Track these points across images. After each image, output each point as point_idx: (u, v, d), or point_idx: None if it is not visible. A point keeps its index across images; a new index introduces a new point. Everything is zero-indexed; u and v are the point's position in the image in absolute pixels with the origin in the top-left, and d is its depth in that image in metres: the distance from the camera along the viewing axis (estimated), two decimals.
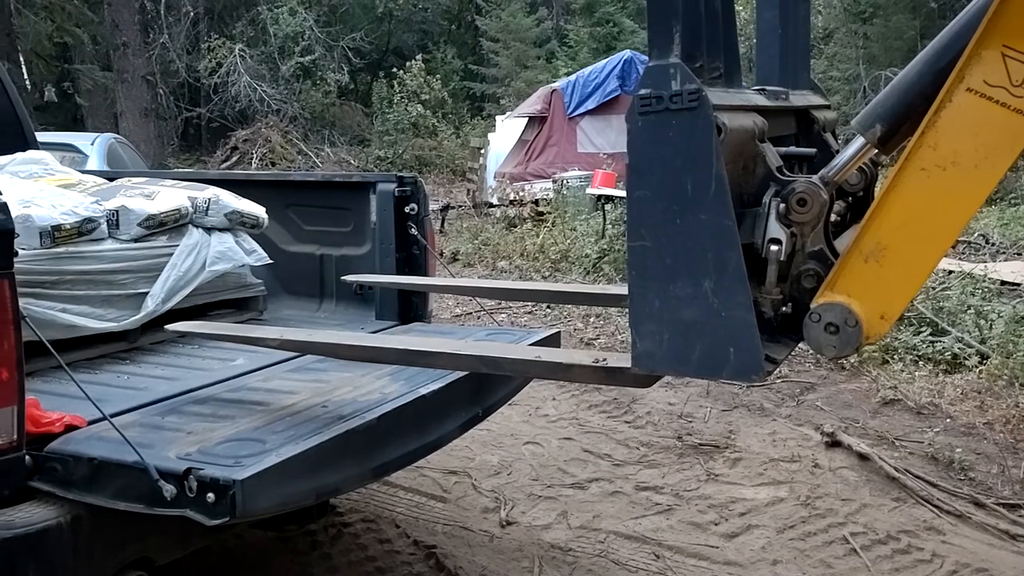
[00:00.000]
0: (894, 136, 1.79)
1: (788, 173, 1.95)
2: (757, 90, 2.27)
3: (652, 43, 1.78)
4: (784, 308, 1.92)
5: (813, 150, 2.31)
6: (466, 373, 2.99)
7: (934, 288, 7.29)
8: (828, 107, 2.67)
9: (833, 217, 1.96)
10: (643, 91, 1.75)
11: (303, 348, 2.60)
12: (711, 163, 1.71)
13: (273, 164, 19.96)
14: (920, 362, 6.04)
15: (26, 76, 20.66)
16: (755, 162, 1.92)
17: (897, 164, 1.73)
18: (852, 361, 6.18)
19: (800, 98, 2.48)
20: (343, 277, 3.68)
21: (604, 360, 2.05)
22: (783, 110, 2.32)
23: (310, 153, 21.25)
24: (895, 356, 6.18)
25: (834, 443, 4.85)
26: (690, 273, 1.77)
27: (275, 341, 2.63)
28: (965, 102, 1.65)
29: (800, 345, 1.97)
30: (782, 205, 1.86)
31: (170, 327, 2.80)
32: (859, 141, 1.87)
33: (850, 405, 5.53)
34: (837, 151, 2.44)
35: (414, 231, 3.79)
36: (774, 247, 1.85)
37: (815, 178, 1.88)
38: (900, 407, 5.43)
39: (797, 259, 1.91)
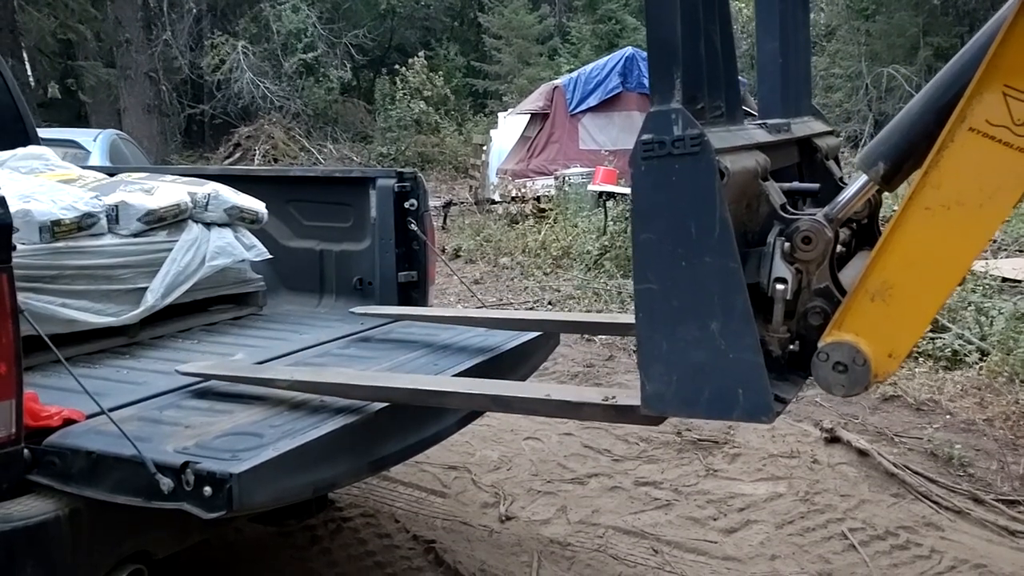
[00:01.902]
0: (897, 174, 1.80)
1: (792, 210, 1.96)
2: (758, 124, 2.27)
3: (653, 88, 1.79)
4: (792, 346, 1.92)
5: (817, 185, 2.31)
6: (468, 367, 3.01)
7: None
8: (831, 133, 2.67)
9: (839, 248, 1.96)
10: (645, 136, 1.77)
11: (313, 389, 2.57)
12: (714, 206, 1.72)
13: (276, 161, 19.99)
14: (920, 358, 6.03)
15: (30, 72, 20.67)
16: (759, 201, 1.93)
17: (902, 203, 1.73)
18: None
19: (802, 127, 2.48)
20: (352, 310, 3.70)
21: (614, 399, 2.05)
22: (785, 142, 2.32)
23: (313, 150, 21.27)
24: None
25: (833, 439, 4.86)
26: (697, 315, 1.78)
27: (285, 383, 2.59)
28: (967, 142, 1.65)
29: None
30: (787, 244, 1.86)
31: (181, 369, 2.76)
32: (862, 179, 1.88)
33: (849, 401, 5.52)
34: (840, 178, 2.44)
35: (414, 227, 3.80)
36: (780, 286, 1.86)
37: (819, 215, 1.89)
38: (900, 403, 5.44)
39: (803, 296, 1.91)
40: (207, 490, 2.04)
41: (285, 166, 18.80)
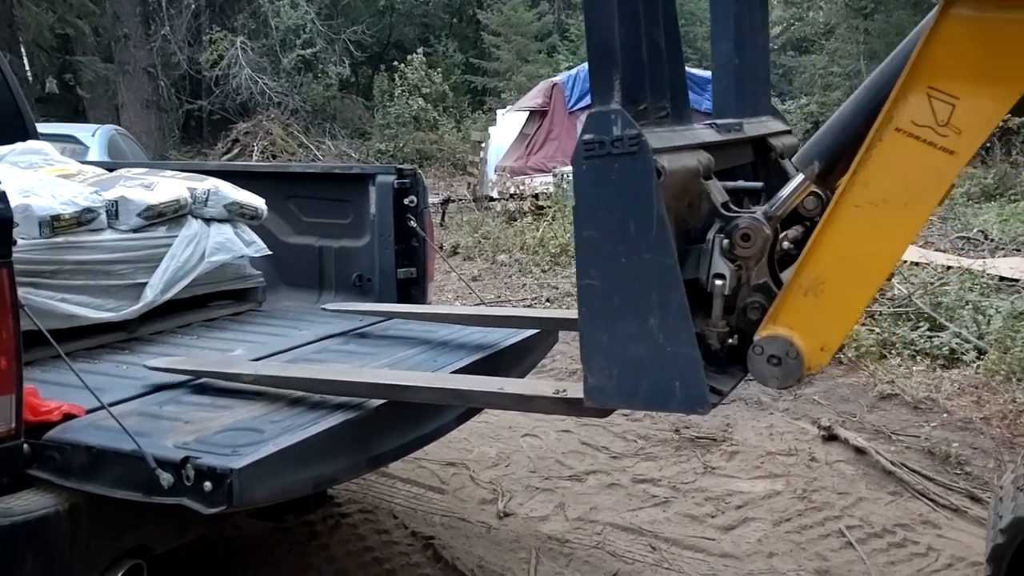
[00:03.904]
0: (831, 173, 1.85)
1: (734, 208, 2.00)
2: (707, 125, 2.31)
3: (594, 90, 1.84)
4: (731, 340, 1.96)
5: (760, 184, 2.36)
6: (467, 363, 3.01)
7: (932, 284, 7.30)
8: (788, 132, 2.70)
9: (788, 245, 2.00)
10: (586, 136, 1.82)
11: (277, 384, 2.60)
12: (652, 204, 1.77)
13: (274, 157, 19.96)
14: (918, 357, 6.05)
15: (27, 67, 20.64)
16: (700, 199, 1.98)
17: (832, 201, 1.78)
18: (850, 355, 6.19)
19: (757, 126, 2.52)
20: (324, 306, 3.75)
21: (564, 391, 2.09)
22: (736, 142, 2.37)
23: (311, 146, 21.24)
24: (893, 351, 6.19)
25: (831, 437, 4.87)
26: (636, 311, 1.83)
27: (249, 378, 2.63)
28: (894, 141, 1.70)
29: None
30: (726, 241, 1.91)
31: (150, 364, 2.79)
32: (799, 177, 1.93)
33: (847, 399, 5.54)
34: None
35: (413, 223, 3.80)
36: (718, 281, 1.90)
37: (759, 213, 1.94)
38: (897, 401, 5.44)
39: (743, 292, 1.96)
40: (207, 485, 2.05)
41: (283, 162, 18.79)
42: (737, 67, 2.63)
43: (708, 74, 14.32)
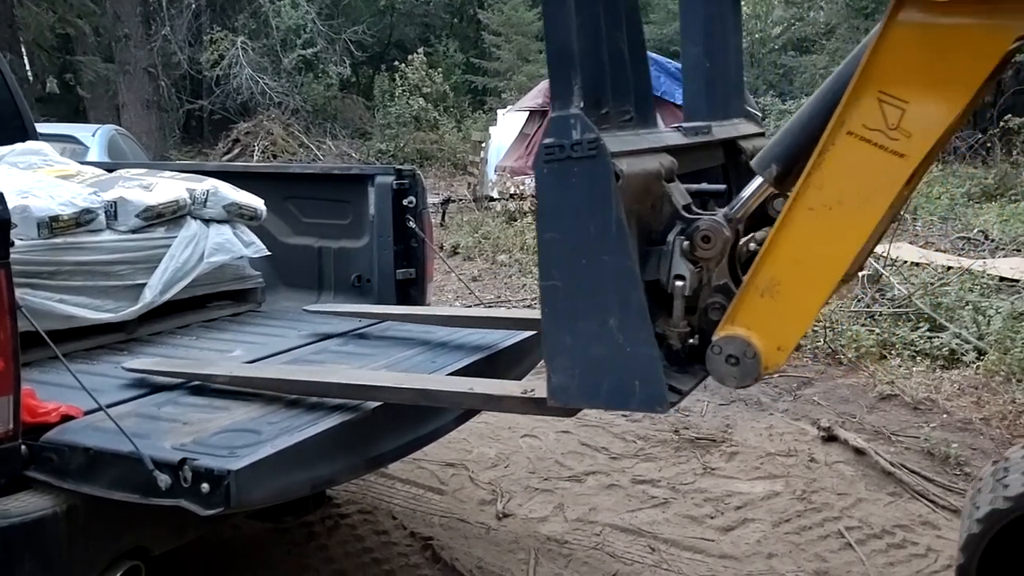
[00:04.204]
0: (789, 175, 1.87)
1: (696, 211, 2.03)
2: (673, 128, 2.34)
3: (554, 94, 1.87)
4: (692, 340, 1.99)
5: (723, 187, 2.39)
6: (465, 365, 3.01)
7: (932, 284, 7.30)
8: (761, 135, 2.72)
9: (755, 247, 2.02)
10: (547, 140, 1.85)
11: (249, 384, 2.63)
12: (611, 207, 1.80)
13: (275, 157, 19.95)
14: (917, 357, 6.05)
15: (28, 67, 20.66)
16: (662, 202, 2.01)
17: (787, 204, 1.81)
18: (850, 356, 6.19)
19: (727, 129, 2.55)
20: (306, 307, 3.75)
21: (532, 391, 2.11)
22: (704, 144, 2.40)
23: (312, 146, 21.23)
24: (893, 351, 6.19)
25: (831, 438, 4.86)
26: (597, 311, 1.86)
27: (224, 378, 2.66)
28: (846, 145, 1.73)
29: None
30: (686, 242, 1.94)
31: (126, 365, 2.81)
32: (758, 180, 1.96)
33: (847, 400, 5.54)
34: None
35: (412, 224, 3.80)
36: (679, 282, 1.94)
37: (719, 216, 1.96)
38: (897, 402, 5.44)
39: (704, 293, 1.99)
40: (204, 487, 2.04)
41: (284, 162, 18.78)
42: (708, 70, 2.66)
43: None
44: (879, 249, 8.89)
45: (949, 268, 8.14)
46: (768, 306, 1.83)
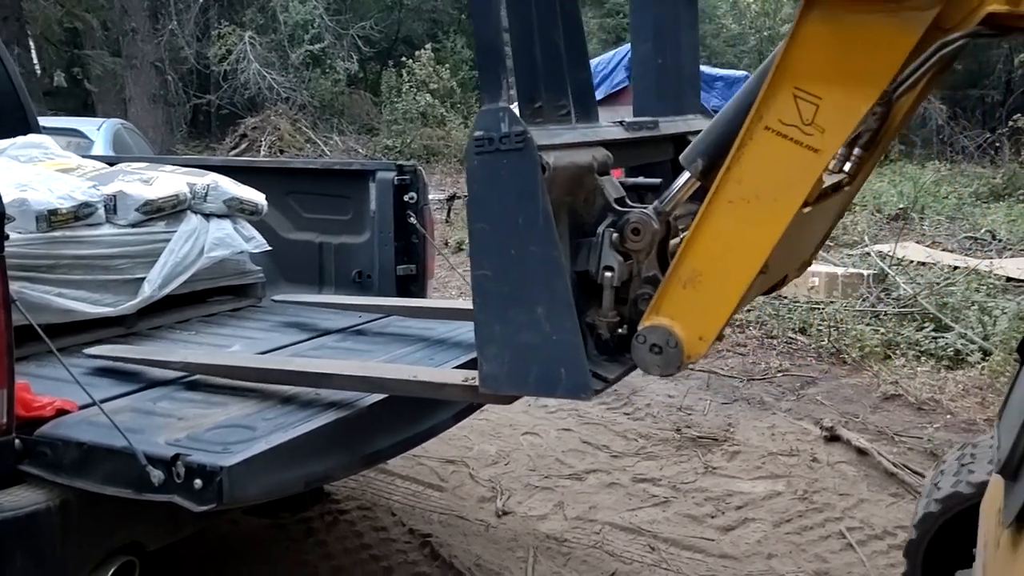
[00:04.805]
0: (713, 169, 1.90)
1: (627, 204, 2.07)
2: (615, 123, 2.38)
3: (483, 89, 1.92)
4: (621, 329, 2.03)
5: (659, 180, 2.41)
6: (464, 361, 2.99)
7: (938, 284, 7.26)
8: None
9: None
10: (477, 133, 1.89)
11: (204, 371, 2.69)
12: (538, 199, 1.84)
13: (282, 152, 19.94)
14: (922, 357, 6.02)
15: (36, 61, 20.68)
16: (594, 194, 2.05)
17: (707, 197, 1.85)
18: (854, 356, 6.16)
19: (678, 124, 2.58)
20: (275, 298, 3.78)
21: (473, 379, 2.13)
22: (648, 139, 2.45)
23: (319, 141, 21.21)
24: (897, 351, 6.16)
25: (833, 438, 4.85)
26: (525, 300, 1.91)
27: (178, 365, 2.71)
28: (764, 139, 1.77)
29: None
30: (615, 235, 1.99)
31: (88, 351, 2.84)
32: (685, 174, 2.00)
33: (850, 400, 5.52)
34: None
35: (413, 220, 3.78)
36: (608, 273, 1.98)
37: (649, 209, 2.01)
38: (901, 402, 5.42)
39: (634, 284, 2.04)
40: (197, 483, 2.03)
41: (291, 157, 18.78)
42: (659, 66, 2.72)
43: (717, 72, 14.28)
44: (885, 248, 8.86)
45: (955, 268, 8.10)
46: (690, 297, 1.87)
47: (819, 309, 7.18)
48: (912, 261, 8.48)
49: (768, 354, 6.48)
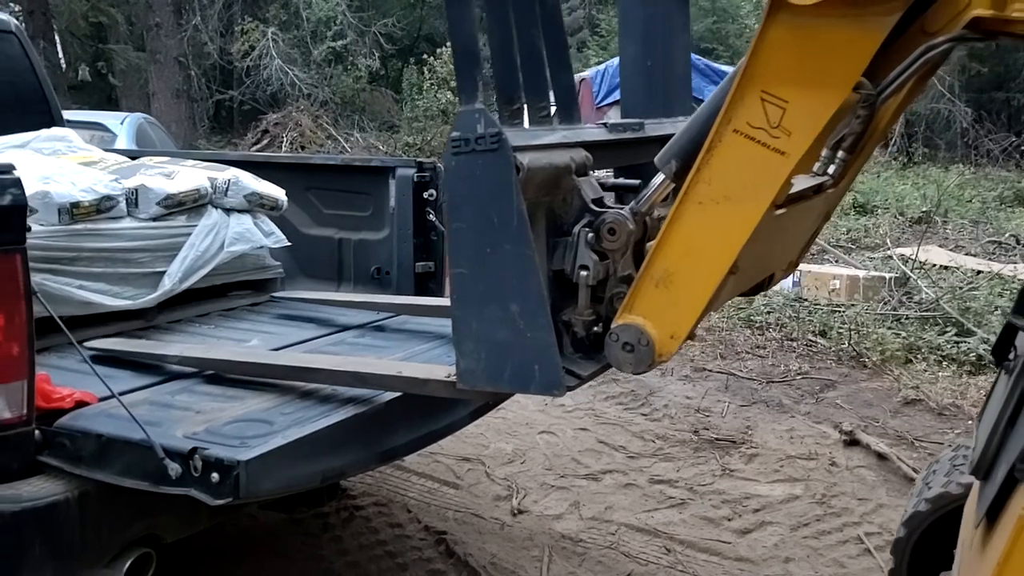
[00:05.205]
0: (687, 171, 1.91)
1: (605, 204, 2.11)
2: (598, 124, 2.42)
3: (460, 89, 1.97)
4: (596, 328, 2.06)
5: (638, 181, 2.42)
6: None
7: (961, 288, 7.20)
8: None
9: None
10: (455, 134, 1.93)
11: (200, 365, 2.73)
12: (512, 199, 1.87)
13: (303, 148, 20.01)
14: (944, 362, 5.96)
15: (61, 55, 20.84)
16: (572, 195, 2.08)
17: (678, 198, 1.88)
18: (874, 360, 6.11)
19: (665, 127, 2.59)
20: (273, 294, 3.81)
21: (453, 375, 2.16)
22: (633, 141, 2.49)
23: (340, 138, 21.27)
24: (918, 356, 6.11)
25: (852, 442, 4.81)
26: (500, 298, 1.94)
27: (175, 359, 2.75)
28: (732, 142, 1.79)
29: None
30: (591, 234, 2.03)
31: (87, 344, 2.86)
32: (660, 176, 2.02)
33: (871, 404, 5.47)
34: None
35: (432, 217, 3.78)
36: (583, 272, 2.01)
37: (625, 210, 2.04)
38: (921, 407, 5.37)
39: (610, 283, 2.06)
40: (214, 476, 2.04)
41: (312, 153, 18.84)
42: (648, 69, 2.74)
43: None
44: (907, 251, 8.79)
45: (979, 272, 8.02)
46: (662, 296, 1.90)
47: (840, 312, 7.13)
48: (935, 265, 8.40)
49: (788, 357, 6.43)
